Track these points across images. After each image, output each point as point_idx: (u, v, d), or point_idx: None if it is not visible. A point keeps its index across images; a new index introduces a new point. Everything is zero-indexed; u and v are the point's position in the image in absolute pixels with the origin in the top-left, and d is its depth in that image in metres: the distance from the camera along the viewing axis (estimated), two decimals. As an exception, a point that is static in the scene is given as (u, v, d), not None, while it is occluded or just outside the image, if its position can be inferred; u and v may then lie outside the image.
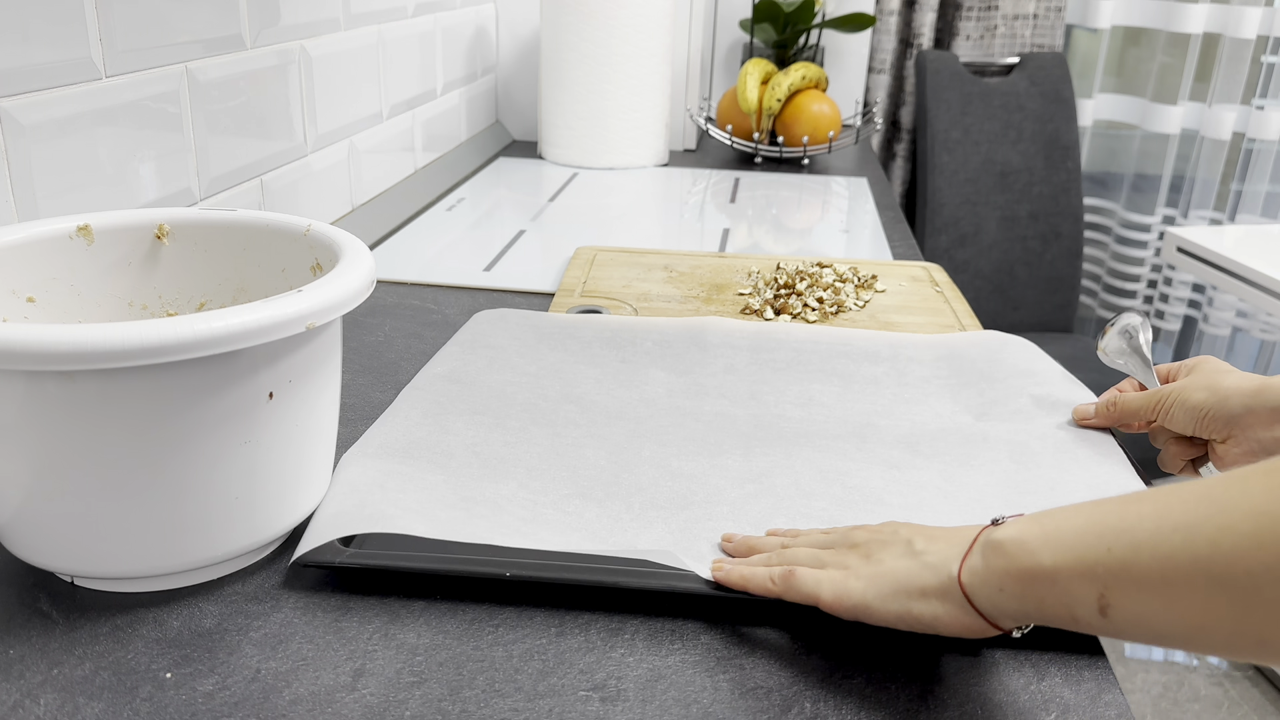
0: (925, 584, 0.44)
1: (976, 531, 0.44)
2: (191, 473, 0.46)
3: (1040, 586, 0.40)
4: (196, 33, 0.80)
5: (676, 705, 0.44)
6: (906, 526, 0.48)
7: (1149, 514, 0.37)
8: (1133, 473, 0.61)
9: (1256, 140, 2.11)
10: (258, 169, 0.91)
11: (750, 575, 0.49)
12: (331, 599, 0.50)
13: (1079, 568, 0.38)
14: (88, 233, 0.56)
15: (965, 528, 0.46)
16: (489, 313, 0.82)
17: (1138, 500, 0.39)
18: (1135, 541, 0.37)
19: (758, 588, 0.48)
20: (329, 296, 0.47)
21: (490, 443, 0.62)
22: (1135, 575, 0.37)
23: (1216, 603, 0.35)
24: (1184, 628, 0.36)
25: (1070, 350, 1.94)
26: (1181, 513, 0.36)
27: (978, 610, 0.42)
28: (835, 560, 0.48)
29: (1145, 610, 0.37)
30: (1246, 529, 0.34)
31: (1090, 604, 0.38)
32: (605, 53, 1.42)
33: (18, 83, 0.63)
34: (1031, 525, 0.41)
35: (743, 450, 0.63)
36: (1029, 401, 0.70)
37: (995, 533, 0.42)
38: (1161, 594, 0.36)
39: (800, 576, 0.47)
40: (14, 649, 0.46)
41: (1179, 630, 0.36)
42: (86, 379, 0.42)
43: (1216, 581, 0.34)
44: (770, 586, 0.48)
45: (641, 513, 0.56)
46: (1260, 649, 0.35)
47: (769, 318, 0.86)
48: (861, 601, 0.45)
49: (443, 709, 0.43)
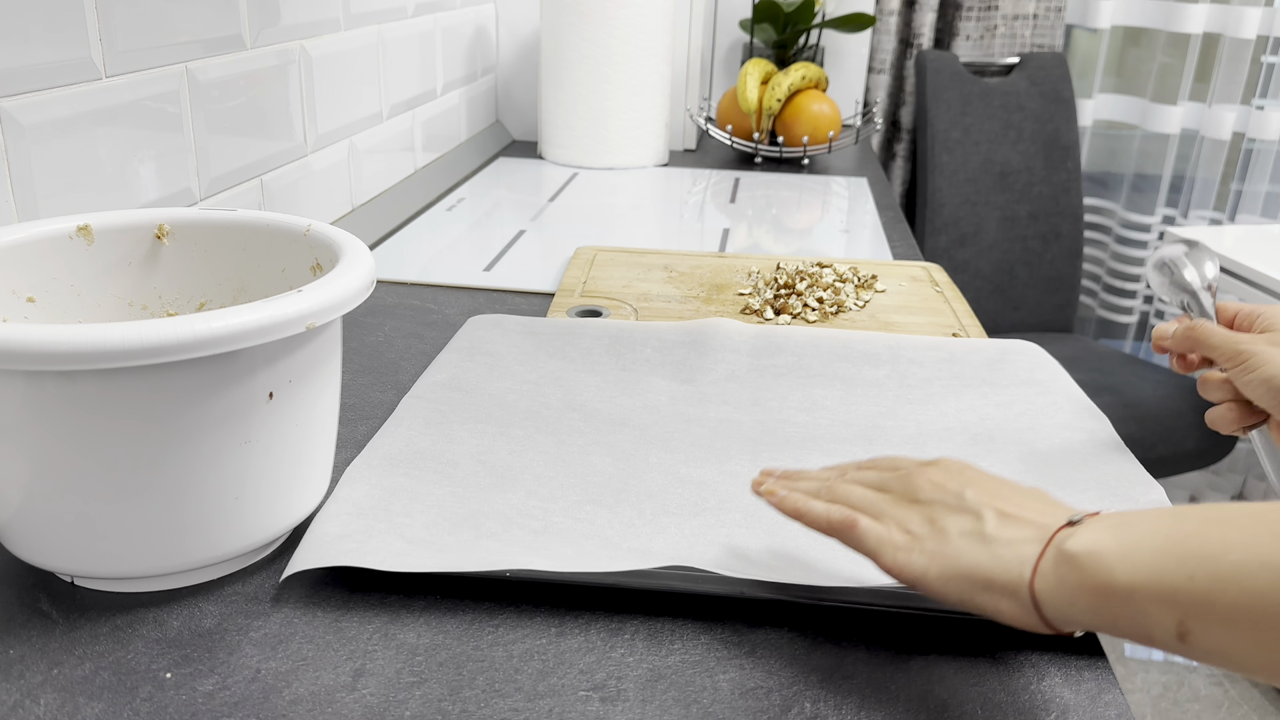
0: (994, 578, 0.42)
1: (1052, 529, 0.42)
2: (191, 473, 0.46)
3: (1115, 604, 0.38)
4: (196, 33, 0.80)
5: (676, 705, 0.44)
6: (973, 485, 0.45)
7: (1235, 543, 0.36)
8: (1143, 471, 0.61)
9: (1256, 140, 2.11)
10: (258, 169, 0.91)
11: (806, 507, 0.47)
12: (331, 599, 0.50)
13: (1159, 591, 0.37)
14: (88, 233, 0.56)
15: (1037, 502, 0.44)
16: (484, 318, 0.82)
17: (1220, 523, 0.37)
18: (1220, 573, 0.35)
19: (815, 521, 0.46)
20: (329, 296, 0.47)
21: (496, 451, 0.62)
22: (1219, 609, 0.35)
23: None
24: (1270, 664, 0.35)
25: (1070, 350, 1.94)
26: (1272, 547, 0.35)
27: (1044, 618, 0.41)
28: (896, 515, 0.46)
29: (1228, 644, 0.36)
30: None
31: (1168, 629, 0.37)
32: (605, 53, 1.42)
33: (18, 83, 0.63)
34: (1108, 537, 0.39)
35: (750, 456, 0.63)
36: (1033, 402, 0.70)
37: (1069, 542, 0.40)
38: (1247, 631, 0.35)
39: (863, 530, 0.45)
40: (14, 649, 0.46)
41: (1264, 665, 0.35)
42: (86, 379, 0.42)
43: None
44: (827, 524, 0.46)
45: (654, 518, 0.56)
46: None
47: (769, 318, 0.86)
48: (922, 577, 0.43)
49: (443, 709, 0.43)
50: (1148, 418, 1.73)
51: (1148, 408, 1.74)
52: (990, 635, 0.48)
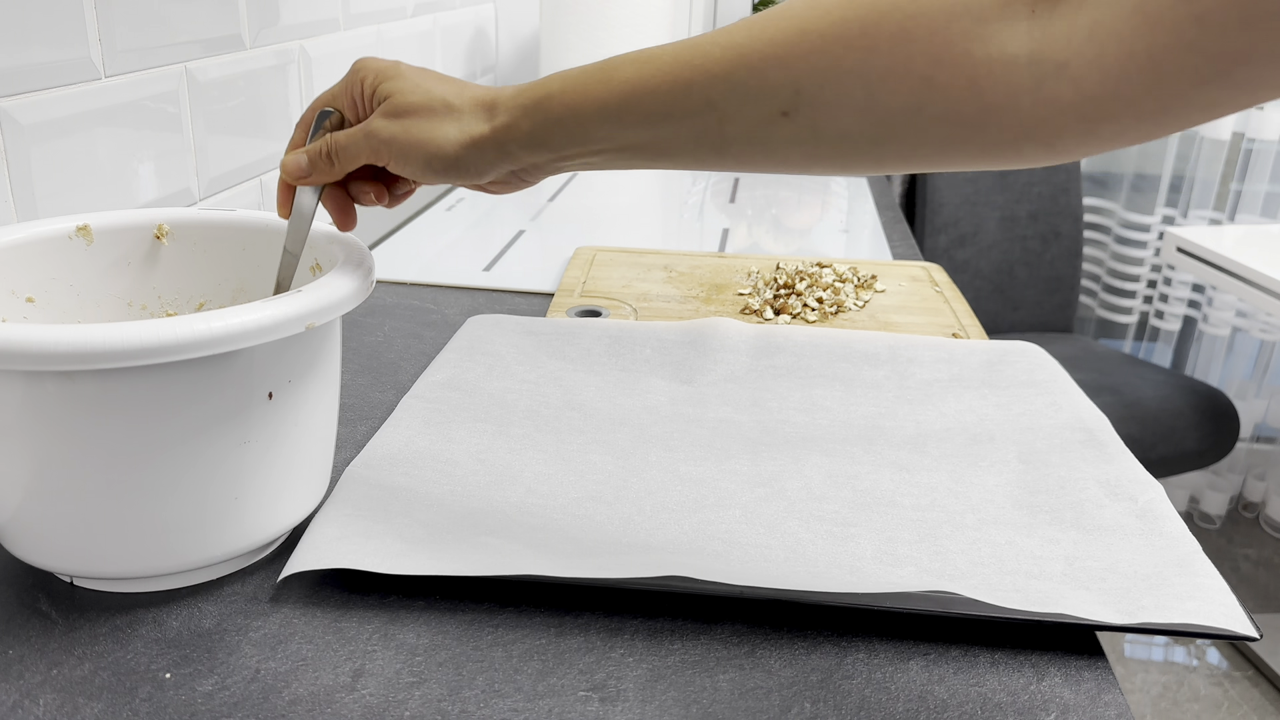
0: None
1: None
2: (191, 473, 0.46)
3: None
4: (196, 33, 0.80)
5: (676, 705, 0.44)
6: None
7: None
8: (1143, 471, 0.61)
9: (1256, 140, 2.11)
10: (257, 169, 0.91)
11: None
12: (331, 599, 0.50)
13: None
14: (87, 233, 0.56)
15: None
16: (483, 318, 0.82)
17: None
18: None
19: None
20: (329, 296, 0.47)
21: (495, 450, 0.62)
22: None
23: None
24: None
25: (1070, 350, 1.94)
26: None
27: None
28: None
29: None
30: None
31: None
32: (605, 53, 1.41)
33: (17, 83, 0.63)
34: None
35: (750, 455, 0.63)
36: (1033, 402, 0.70)
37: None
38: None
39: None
40: (13, 649, 0.46)
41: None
42: (86, 379, 0.42)
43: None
44: None
45: (653, 515, 0.56)
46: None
47: (769, 318, 0.86)
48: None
49: (442, 709, 0.43)
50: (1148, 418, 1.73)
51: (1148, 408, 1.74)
52: (990, 635, 0.49)
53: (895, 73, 0.41)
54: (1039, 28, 0.39)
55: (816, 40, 0.42)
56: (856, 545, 0.54)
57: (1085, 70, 0.38)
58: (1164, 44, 0.35)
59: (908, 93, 0.41)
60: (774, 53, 0.43)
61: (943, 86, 0.40)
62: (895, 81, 0.41)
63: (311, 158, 0.53)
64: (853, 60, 0.41)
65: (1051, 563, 0.52)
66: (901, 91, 0.41)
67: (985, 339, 0.82)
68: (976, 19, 0.39)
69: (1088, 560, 0.52)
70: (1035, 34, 0.39)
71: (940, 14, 0.40)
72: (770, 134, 0.44)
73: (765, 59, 0.43)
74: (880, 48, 0.41)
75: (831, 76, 0.42)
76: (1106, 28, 0.37)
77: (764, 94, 0.43)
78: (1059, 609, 0.47)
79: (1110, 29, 0.37)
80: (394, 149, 0.51)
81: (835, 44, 0.41)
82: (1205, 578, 0.50)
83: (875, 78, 0.41)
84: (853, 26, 0.41)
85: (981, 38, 0.39)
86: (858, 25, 0.41)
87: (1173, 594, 0.49)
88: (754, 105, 0.44)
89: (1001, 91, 0.39)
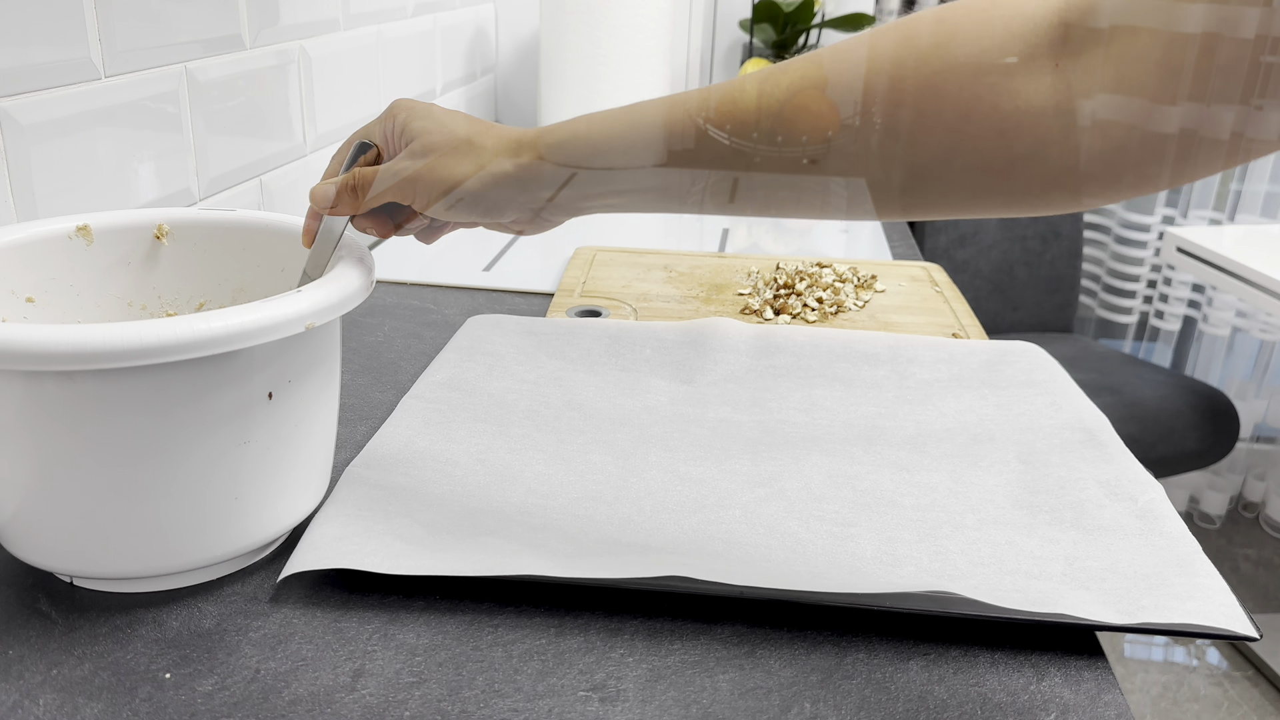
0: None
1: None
2: (191, 473, 0.46)
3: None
4: (196, 33, 0.80)
5: (676, 705, 0.44)
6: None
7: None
8: (1143, 471, 0.61)
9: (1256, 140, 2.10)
10: (257, 169, 0.91)
11: None
12: (331, 599, 0.50)
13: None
14: (87, 233, 0.56)
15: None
16: (483, 318, 0.82)
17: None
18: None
19: None
20: (329, 296, 0.47)
21: (495, 450, 0.62)
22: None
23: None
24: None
25: (1070, 350, 1.94)
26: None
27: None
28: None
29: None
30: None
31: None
32: (605, 52, 1.42)
33: (17, 83, 0.63)
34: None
35: (750, 456, 0.63)
36: (1033, 403, 0.70)
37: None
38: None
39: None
40: (13, 649, 0.46)
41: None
42: (86, 379, 0.42)
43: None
44: None
45: (653, 515, 0.56)
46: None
47: (769, 318, 0.86)
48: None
49: (442, 709, 0.43)
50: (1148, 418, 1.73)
51: (1148, 408, 1.74)
52: (990, 635, 0.49)
53: (924, 126, 0.42)
54: (1064, 80, 0.40)
55: (845, 92, 0.43)
56: (856, 545, 0.54)
57: (1111, 119, 0.38)
58: (1188, 93, 0.36)
59: (936, 145, 0.42)
60: (802, 103, 0.44)
61: (972, 138, 0.41)
62: (924, 134, 0.42)
63: (339, 189, 0.54)
64: (881, 113, 0.42)
65: (1051, 563, 0.52)
66: (930, 144, 0.42)
67: (985, 339, 0.82)
68: (1004, 73, 0.40)
69: (1088, 560, 0.52)
70: (1061, 86, 0.40)
71: (968, 69, 0.41)
72: (797, 182, 0.45)
73: (795, 109, 0.44)
74: (908, 102, 0.42)
75: (861, 128, 0.43)
76: (1131, 80, 0.38)
77: (792, 143, 0.44)
78: (1059, 609, 0.47)
79: (1135, 81, 0.38)
80: (418, 186, 0.52)
81: (864, 96, 0.42)
82: (1205, 578, 0.50)
83: (904, 130, 0.42)
84: (881, 79, 0.42)
85: (1009, 92, 0.40)
86: (886, 79, 0.42)
87: (1172, 594, 0.49)
88: (781, 153, 0.44)
89: (1029, 142, 0.40)
